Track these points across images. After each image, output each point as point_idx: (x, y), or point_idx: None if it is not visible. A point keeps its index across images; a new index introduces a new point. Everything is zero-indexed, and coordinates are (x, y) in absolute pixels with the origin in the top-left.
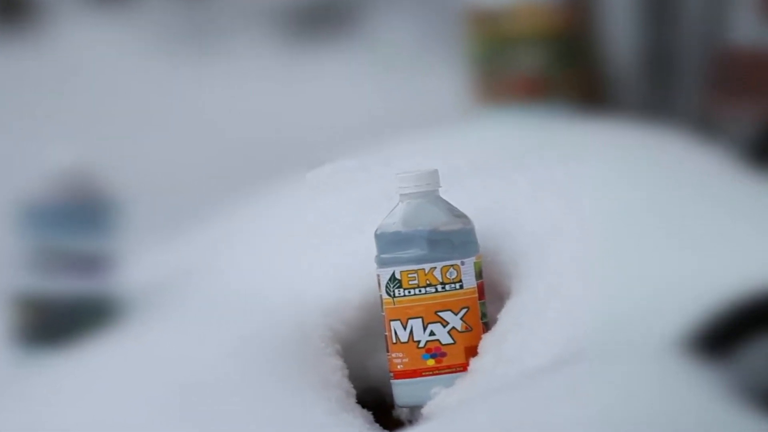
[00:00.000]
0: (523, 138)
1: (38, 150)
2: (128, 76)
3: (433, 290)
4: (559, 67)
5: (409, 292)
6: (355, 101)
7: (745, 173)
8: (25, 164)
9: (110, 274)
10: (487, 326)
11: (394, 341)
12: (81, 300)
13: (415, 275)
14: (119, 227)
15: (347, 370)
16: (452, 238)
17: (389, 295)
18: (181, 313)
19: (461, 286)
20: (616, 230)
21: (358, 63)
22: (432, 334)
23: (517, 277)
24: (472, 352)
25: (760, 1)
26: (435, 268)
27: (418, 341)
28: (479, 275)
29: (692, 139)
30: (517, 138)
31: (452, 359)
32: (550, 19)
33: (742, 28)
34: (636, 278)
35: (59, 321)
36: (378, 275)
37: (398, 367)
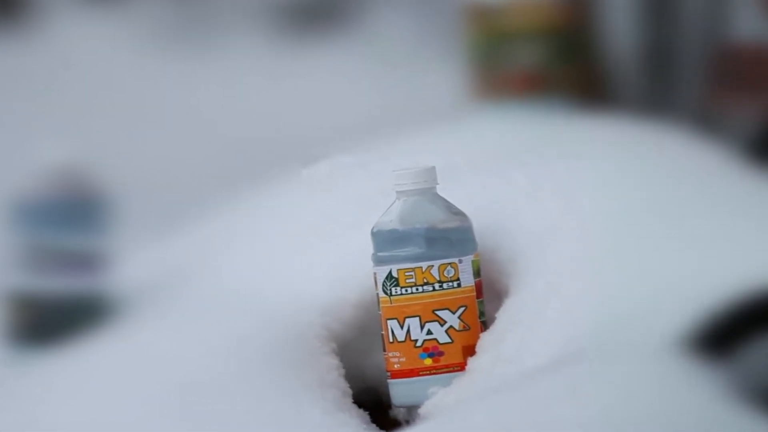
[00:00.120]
0: (521, 134)
1: (30, 147)
2: (121, 72)
3: (431, 289)
4: (559, 63)
5: (406, 291)
6: (352, 97)
7: (746, 170)
8: (17, 161)
9: (103, 273)
10: (485, 325)
11: (390, 340)
12: (74, 298)
13: (412, 273)
14: (112, 225)
15: (343, 370)
16: (450, 235)
17: (386, 294)
18: (176, 311)
19: (459, 285)
20: (615, 228)
21: (354, 59)
22: (429, 333)
23: (516, 276)
24: (469, 351)
25: None
26: (432, 266)
27: (416, 340)
28: (477, 273)
29: (693, 136)
30: (516, 134)
31: (450, 358)
32: (549, 14)
33: (742, 23)
34: (636, 277)
35: (52, 320)
36: (374, 273)
37: (395, 366)
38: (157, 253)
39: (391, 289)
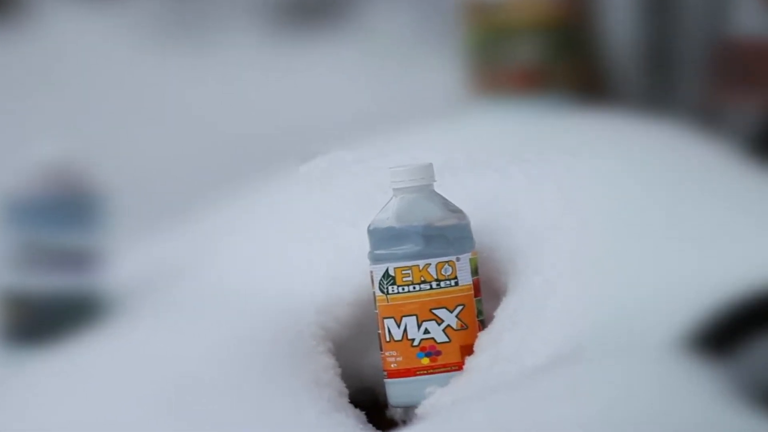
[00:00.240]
0: (520, 131)
1: (24, 144)
2: (116, 68)
3: (428, 287)
4: (558, 58)
5: (403, 289)
6: (349, 93)
7: (747, 166)
8: (9, 158)
9: (98, 271)
10: (483, 324)
11: (387, 339)
12: (68, 297)
13: (409, 272)
14: (106, 222)
15: (339, 369)
16: (447, 233)
17: (383, 292)
18: (171, 310)
19: (456, 283)
20: (615, 226)
21: (352, 54)
22: (426, 332)
23: (514, 274)
24: (467, 350)
25: None
26: (430, 264)
27: (413, 339)
28: (475, 272)
29: (693, 132)
30: (515, 131)
31: (447, 358)
32: (548, 9)
33: (743, 18)
34: (636, 275)
35: (45, 318)
36: (371, 271)
37: (392, 365)
38: (152, 250)
39: (387, 288)
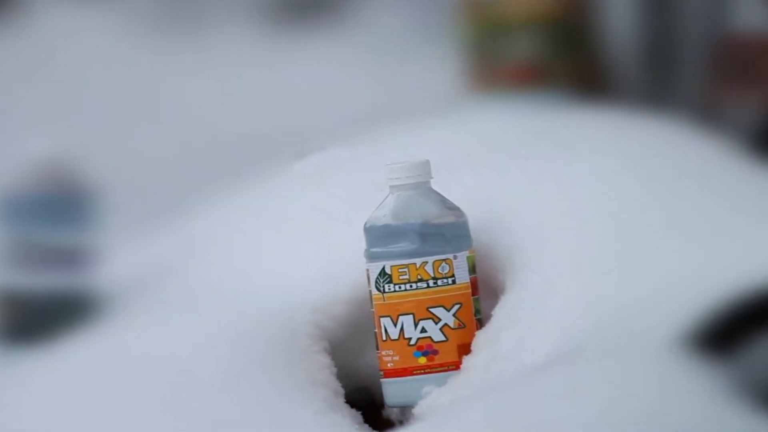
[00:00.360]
0: (518, 127)
1: (15, 140)
2: (110, 64)
3: (425, 285)
4: (556, 54)
5: (399, 288)
6: (346, 90)
7: (748, 163)
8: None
9: (90, 269)
10: (480, 323)
11: (384, 338)
12: (60, 295)
13: (406, 270)
14: (99, 220)
15: (335, 369)
16: (444, 231)
17: (379, 291)
18: (164, 309)
19: (454, 281)
20: (615, 224)
21: (348, 50)
22: (423, 331)
23: (512, 272)
24: (465, 349)
25: None
26: (426, 262)
27: (409, 338)
28: (473, 270)
29: (693, 128)
30: (513, 127)
31: (444, 357)
32: (547, 4)
33: (744, 14)
34: (636, 273)
35: (38, 317)
36: (367, 270)
37: (388, 365)
38: (146, 248)
39: (384, 286)
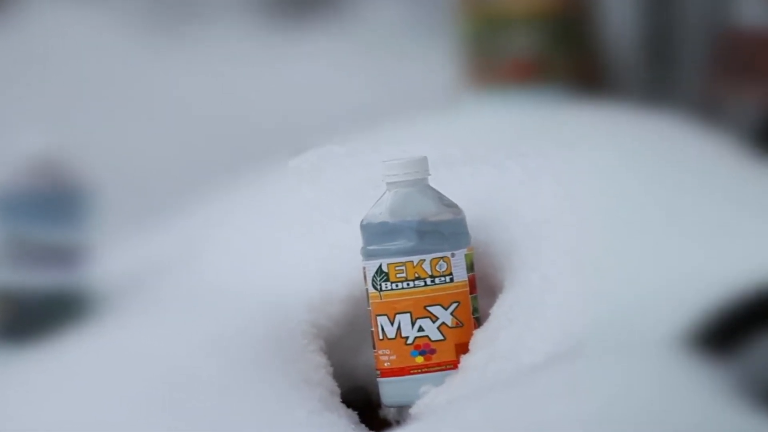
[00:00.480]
0: (517, 124)
1: (8, 137)
2: (104, 60)
3: (422, 284)
4: (555, 50)
5: (396, 286)
6: (343, 86)
7: (749, 159)
8: None
9: (84, 267)
10: (478, 321)
11: (380, 337)
12: (54, 293)
13: (403, 268)
14: (93, 217)
15: (331, 368)
16: (442, 228)
17: (376, 289)
18: (159, 307)
19: (451, 280)
20: (614, 220)
21: (345, 46)
22: (421, 329)
23: (511, 270)
24: (463, 348)
25: None
26: (424, 260)
27: (406, 337)
28: (470, 268)
29: (694, 124)
30: (512, 124)
31: (442, 356)
32: None
33: (745, 9)
34: (635, 271)
35: (31, 315)
36: (364, 268)
37: (385, 364)
38: (140, 246)
39: (381, 284)
